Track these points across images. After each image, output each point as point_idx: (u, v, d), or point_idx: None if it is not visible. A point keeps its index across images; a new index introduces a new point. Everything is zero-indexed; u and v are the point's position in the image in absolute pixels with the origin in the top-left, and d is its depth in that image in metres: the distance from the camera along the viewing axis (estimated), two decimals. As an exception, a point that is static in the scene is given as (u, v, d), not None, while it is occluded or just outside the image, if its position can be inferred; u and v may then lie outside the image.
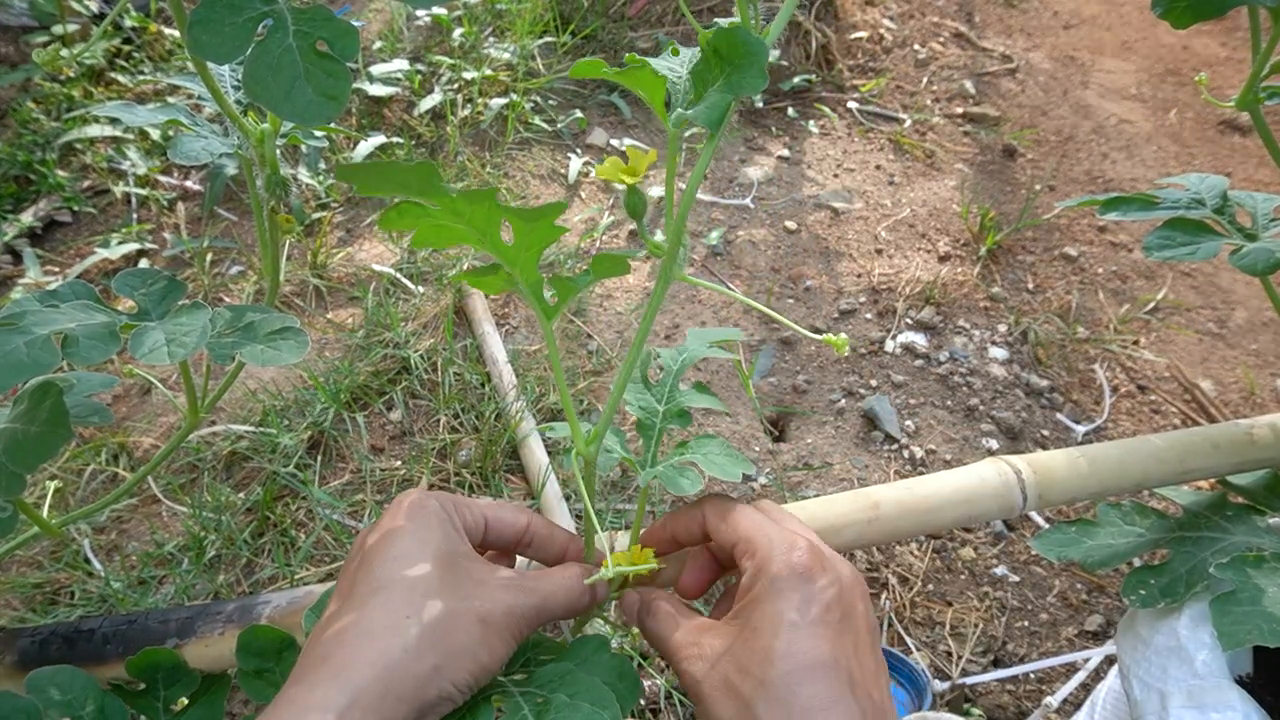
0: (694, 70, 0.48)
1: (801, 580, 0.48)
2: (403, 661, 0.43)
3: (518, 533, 0.56)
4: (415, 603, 0.46)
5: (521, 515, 0.57)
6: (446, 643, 0.45)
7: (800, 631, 0.46)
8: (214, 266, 1.82)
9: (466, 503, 0.55)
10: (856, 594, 0.49)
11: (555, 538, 0.58)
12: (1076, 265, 2.08)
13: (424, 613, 0.45)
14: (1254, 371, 1.85)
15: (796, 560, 0.49)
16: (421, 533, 0.49)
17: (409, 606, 0.45)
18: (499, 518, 0.56)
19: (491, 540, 0.56)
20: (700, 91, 0.48)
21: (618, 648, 1.20)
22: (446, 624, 0.45)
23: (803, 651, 0.45)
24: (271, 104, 0.43)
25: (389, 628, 0.44)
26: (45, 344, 0.45)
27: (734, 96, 0.47)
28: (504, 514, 0.56)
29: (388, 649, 0.43)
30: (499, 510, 0.56)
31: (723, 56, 0.47)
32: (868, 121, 2.44)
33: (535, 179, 2.06)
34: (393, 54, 2.21)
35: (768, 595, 0.48)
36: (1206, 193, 0.81)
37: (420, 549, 0.48)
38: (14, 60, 2.18)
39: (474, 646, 0.46)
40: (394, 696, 0.42)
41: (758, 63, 0.45)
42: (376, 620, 0.45)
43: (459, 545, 0.50)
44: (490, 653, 0.47)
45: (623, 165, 0.53)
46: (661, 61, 0.51)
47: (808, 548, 0.50)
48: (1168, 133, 2.59)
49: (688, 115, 0.47)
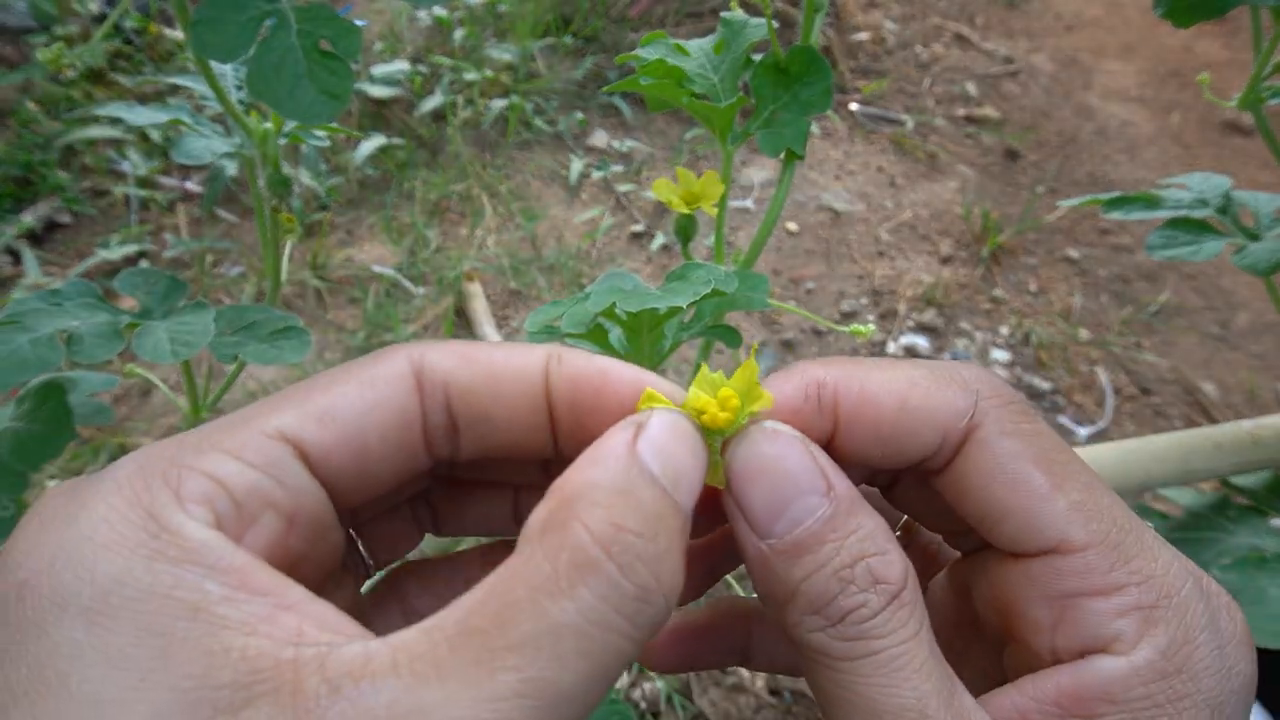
0: (755, 88, 0.46)
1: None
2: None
3: (392, 416, 0.26)
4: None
5: (384, 364, 0.27)
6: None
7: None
8: (214, 268, 1.82)
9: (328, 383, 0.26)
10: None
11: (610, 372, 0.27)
12: (1079, 267, 2.08)
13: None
14: (1257, 374, 1.85)
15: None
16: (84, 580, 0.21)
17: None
18: (471, 385, 0.27)
19: (343, 475, 0.26)
20: (761, 110, 0.46)
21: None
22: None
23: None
24: (274, 102, 0.44)
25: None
26: (50, 342, 0.45)
27: (806, 115, 0.45)
28: (337, 397, 0.26)
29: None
30: (475, 357, 0.27)
31: (791, 75, 0.45)
32: (869, 123, 2.44)
33: (536, 180, 2.07)
34: (394, 55, 2.22)
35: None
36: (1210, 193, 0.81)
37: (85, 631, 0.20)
38: (14, 61, 2.18)
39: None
40: None
41: (825, 81, 0.44)
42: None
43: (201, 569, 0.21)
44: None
45: (674, 186, 0.45)
46: (690, 64, 0.47)
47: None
48: (1170, 135, 2.59)
49: (770, 140, 0.45)
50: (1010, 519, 0.26)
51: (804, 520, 0.25)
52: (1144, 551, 0.26)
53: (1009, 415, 0.27)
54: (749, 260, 0.49)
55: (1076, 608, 0.25)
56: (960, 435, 0.27)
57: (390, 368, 0.26)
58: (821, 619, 0.24)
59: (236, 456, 0.24)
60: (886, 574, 0.24)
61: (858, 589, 0.24)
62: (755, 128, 0.46)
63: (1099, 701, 0.24)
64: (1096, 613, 0.25)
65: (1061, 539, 0.26)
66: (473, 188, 2.01)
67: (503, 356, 0.27)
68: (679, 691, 1.17)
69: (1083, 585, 0.25)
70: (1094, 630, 0.25)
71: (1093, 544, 0.25)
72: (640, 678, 1.18)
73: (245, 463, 0.24)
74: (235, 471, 0.24)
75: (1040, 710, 0.25)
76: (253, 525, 0.24)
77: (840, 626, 0.24)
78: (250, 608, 0.21)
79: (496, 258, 1.87)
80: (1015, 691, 0.25)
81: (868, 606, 0.24)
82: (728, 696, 1.18)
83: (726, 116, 0.45)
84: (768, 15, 0.45)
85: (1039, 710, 0.25)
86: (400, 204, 1.98)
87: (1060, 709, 0.25)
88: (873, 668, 0.24)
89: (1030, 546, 0.26)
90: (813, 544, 0.24)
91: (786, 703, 1.19)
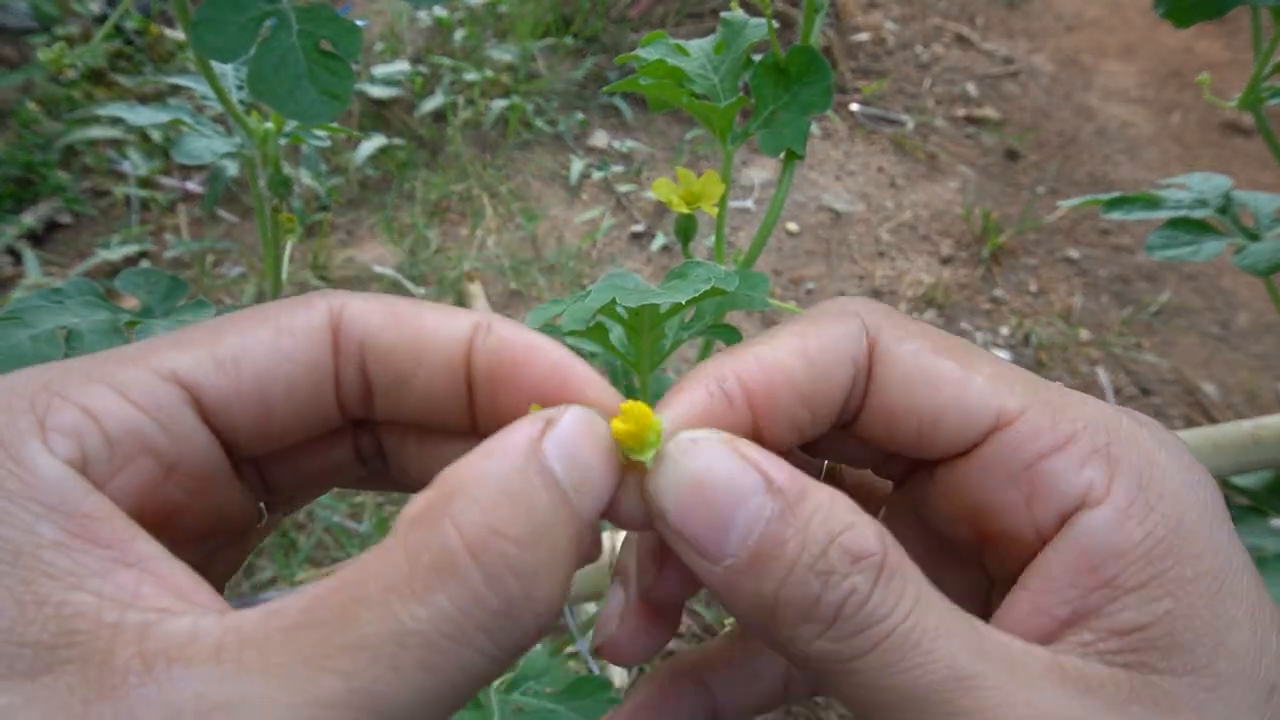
0: (755, 88, 0.46)
1: None
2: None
3: (301, 368, 0.24)
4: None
5: (300, 312, 0.25)
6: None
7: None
8: (215, 268, 1.82)
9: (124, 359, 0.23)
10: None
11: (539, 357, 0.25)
12: (1079, 268, 2.08)
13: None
14: (1257, 374, 1.85)
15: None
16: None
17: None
18: (376, 329, 0.25)
19: (239, 423, 0.24)
20: (761, 110, 0.46)
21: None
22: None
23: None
24: (275, 102, 0.44)
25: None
26: (50, 338, 0.45)
27: (806, 115, 0.45)
28: (242, 340, 0.24)
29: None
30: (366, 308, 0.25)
31: (791, 75, 0.45)
32: (869, 124, 2.44)
33: (537, 181, 2.07)
34: (394, 55, 2.22)
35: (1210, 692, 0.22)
36: (1210, 193, 0.81)
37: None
38: (15, 61, 2.19)
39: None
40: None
41: (825, 81, 0.45)
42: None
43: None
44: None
45: (674, 186, 0.45)
46: (691, 64, 0.47)
47: None
48: (1170, 135, 2.59)
49: (770, 139, 0.45)
50: (945, 414, 0.25)
51: (755, 526, 0.22)
52: (1072, 401, 0.25)
53: (896, 324, 0.27)
54: (749, 260, 0.49)
55: (1040, 474, 0.24)
56: (865, 357, 0.26)
57: (307, 318, 0.24)
58: (816, 625, 0.22)
59: (120, 392, 0.22)
60: (863, 546, 0.22)
61: (840, 576, 0.21)
62: (755, 128, 0.47)
63: (1107, 561, 0.23)
64: (1061, 470, 0.24)
65: (999, 411, 0.25)
66: (473, 188, 2.01)
67: (432, 319, 0.25)
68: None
69: (1037, 447, 0.24)
70: (1065, 488, 0.24)
71: (1028, 405, 0.25)
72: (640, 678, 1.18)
73: (128, 400, 0.22)
74: (115, 408, 0.21)
75: (1060, 601, 0.23)
76: (124, 469, 0.21)
77: (838, 625, 0.21)
78: (84, 559, 0.19)
79: (497, 258, 1.87)
80: (1025, 594, 0.24)
81: (858, 591, 0.21)
82: (728, 696, 1.18)
83: (726, 116, 0.45)
84: (768, 15, 0.45)
85: (1059, 602, 0.23)
86: (401, 204, 1.99)
87: (1077, 589, 0.23)
88: (891, 655, 0.21)
89: (973, 432, 0.25)
90: (773, 548, 0.22)
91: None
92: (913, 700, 0.21)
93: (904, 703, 0.21)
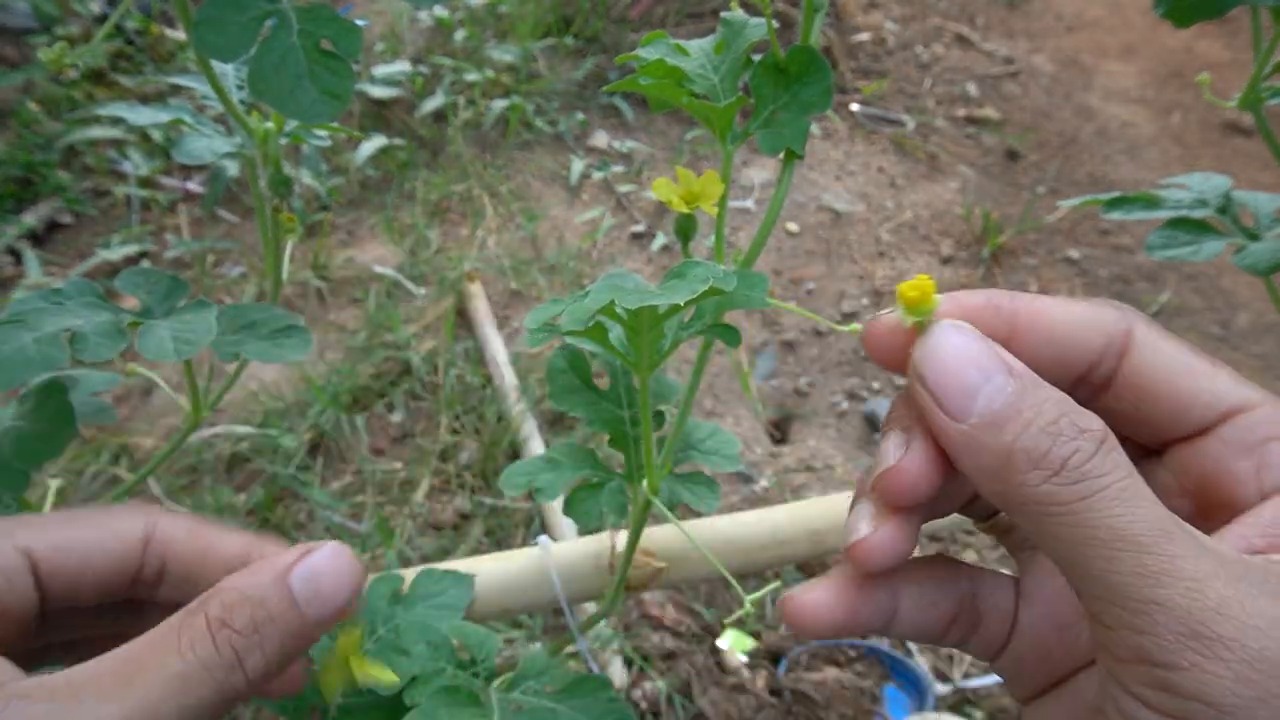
0: (755, 88, 0.46)
1: None
2: None
3: (115, 560, 0.35)
4: None
5: (127, 520, 0.35)
6: None
7: None
8: (215, 268, 1.83)
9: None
10: None
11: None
12: (1079, 268, 2.08)
13: None
14: (1257, 374, 1.85)
15: None
16: None
17: None
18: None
19: (59, 588, 0.34)
20: (761, 110, 0.46)
21: (618, 650, 1.20)
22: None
23: None
24: (275, 102, 0.44)
25: None
26: (54, 340, 0.45)
27: (806, 115, 0.45)
28: (80, 533, 0.34)
29: None
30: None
31: (791, 75, 0.45)
32: (870, 124, 2.44)
33: (537, 181, 2.07)
34: (395, 56, 2.22)
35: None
36: (1210, 193, 0.81)
37: None
38: (16, 61, 2.19)
39: None
40: None
41: (825, 81, 0.44)
42: None
43: None
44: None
45: (674, 186, 0.45)
46: (691, 64, 0.47)
47: None
48: (1171, 135, 2.59)
49: (770, 139, 0.45)
50: (1199, 397, 0.30)
51: (998, 397, 0.27)
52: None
53: (1154, 327, 0.32)
54: (749, 260, 0.49)
55: (1271, 450, 0.30)
56: (1122, 341, 0.31)
57: (131, 525, 0.35)
58: (1043, 470, 0.26)
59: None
60: (1089, 423, 0.27)
61: (1068, 438, 0.26)
62: (755, 128, 0.46)
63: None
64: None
65: (1243, 400, 0.30)
66: (473, 188, 2.02)
67: (214, 536, 0.36)
68: (679, 691, 1.17)
69: (1269, 430, 0.30)
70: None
71: (1264, 400, 0.31)
72: (640, 677, 1.18)
73: None
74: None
75: (1263, 534, 0.28)
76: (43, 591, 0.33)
77: (1064, 473, 0.26)
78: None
79: (497, 258, 1.87)
80: (1238, 525, 0.29)
81: (1082, 450, 0.26)
82: (728, 696, 1.18)
83: (726, 116, 0.44)
84: (768, 15, 0.45)
85: (1262, 535, 0.28)
86: (401, 204, 1.99)
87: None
88: (1106, 501, 0.25)
89: (1216, 414, 0.30)
90: (1011, 414, 0.27)
91: (786, 702, 1.19)
92: (1123, 540, 0.25)
93: (1115, 540, 0.25)
